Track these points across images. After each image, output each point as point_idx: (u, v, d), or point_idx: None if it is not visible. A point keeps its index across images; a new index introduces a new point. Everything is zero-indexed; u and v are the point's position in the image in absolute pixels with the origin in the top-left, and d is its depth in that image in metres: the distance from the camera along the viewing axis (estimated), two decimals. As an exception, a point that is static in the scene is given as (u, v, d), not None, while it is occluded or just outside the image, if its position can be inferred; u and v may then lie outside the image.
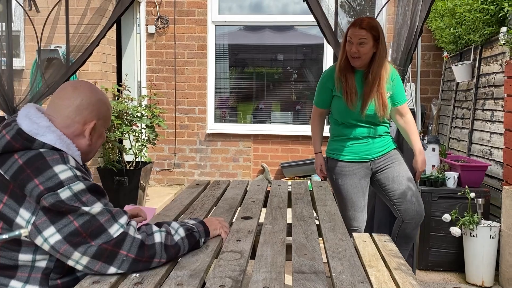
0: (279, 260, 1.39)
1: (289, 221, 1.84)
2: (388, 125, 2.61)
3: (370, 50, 2.37)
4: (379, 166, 2.58)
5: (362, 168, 2.57)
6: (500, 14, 3.09)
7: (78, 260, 1.23)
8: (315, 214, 2.04)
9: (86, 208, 1.23)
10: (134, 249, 1.26)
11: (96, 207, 1.25)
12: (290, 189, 2.46)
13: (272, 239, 1.59)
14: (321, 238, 1.67)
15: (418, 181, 2.60)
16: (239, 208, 2.08)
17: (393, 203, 2.58)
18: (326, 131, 2.71)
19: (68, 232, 1.21)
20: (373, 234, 2.79)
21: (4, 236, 0.59)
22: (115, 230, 1.25)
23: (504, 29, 3.06)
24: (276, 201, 2.16)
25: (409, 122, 2.54)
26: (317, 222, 1.85)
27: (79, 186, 1.25)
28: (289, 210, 2.05)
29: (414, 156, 2.56)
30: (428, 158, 3.46)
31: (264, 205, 2.17)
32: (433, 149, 3.39)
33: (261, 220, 1.86)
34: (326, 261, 1.44)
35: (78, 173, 1.29)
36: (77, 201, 1.23)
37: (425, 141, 3.41)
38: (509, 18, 3.05)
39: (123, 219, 1.29)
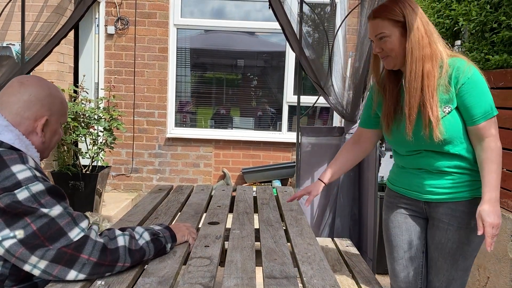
0: (249, 265, 1.37)
1: (256, 226, 1.83)
2: (465, 155, 1.65)
3: (398, 42, 1.63)
4: (434, 216, 1.72)
5: (412, 205, 1.79)
6: (455, 28, 3.24)
7: (36, 264, 1.16)
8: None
9: (45, 210, 1.17)
10: (96, 252, 1.21)
11: (56, 210, 1.20)
12: (255, 194, 2.45)
13: (241, 244, 1.57)
14: (289, 243, 1.67)
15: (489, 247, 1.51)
16: (205, 213, 2.05)
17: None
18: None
19: (25, 235, 1.14)
20: (335, 238, 2.84)
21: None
22: (75, 234, 1.20)
23: (458, 42, 3.21)
24: (242, 206, 2.14)
25: (487, 150, 1.57)
26: (284, 227, 1.85)
27: (38, 187, 1.19)
28: (256, 215, 2.04)
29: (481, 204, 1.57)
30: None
31: (230, 210, 2.15)
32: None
33: (228, 225, 1.84)
34: (296, 265, 1.44)
35: (38, 173, 1.23)
36: (35, 202, 1.17)
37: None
38: (463, 32, 3.20)
39: (84, 223, 1.25)
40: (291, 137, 5.48)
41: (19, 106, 1.30)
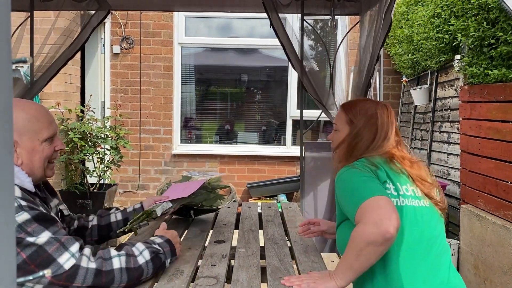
0: (255, 284, 1.41)
1: (261, 243, 1.86)
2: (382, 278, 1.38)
3: (341, 137, 1.59)
4: None
5: None
6: (454, 43, 3.29)
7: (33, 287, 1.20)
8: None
9: (31, 239, 1.19)
10: (89, 279, 1.22)
11: (43, 237, 1.21)
12: (260, 211, 2.48)
13: (246, 263, 1.60)
14: (294, 260, 1.71)
15: None
16: (211, 231, 2.09)
17: None
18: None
19: (17, 263, 1.17)
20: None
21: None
22: (65, 260, 1.21)
23: (458, 56, 3.26)
24: (248, 224, 2.18)
25: (351, 236, 1.30)
26: (288, 244, 1.88)
27: (23, 216, 1.21)
28: (261, 232, 2.07)
29: None
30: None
31: (236, 227, 2.18)
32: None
33: (234, 243, 1.87)
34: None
35: (23, 203, 1.24)
36: (21, 232, 1.19)
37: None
38: (462, 47, 3.25)
39: (74, 247, 1.25)
40: (296, 151, 5.52)
41: None
